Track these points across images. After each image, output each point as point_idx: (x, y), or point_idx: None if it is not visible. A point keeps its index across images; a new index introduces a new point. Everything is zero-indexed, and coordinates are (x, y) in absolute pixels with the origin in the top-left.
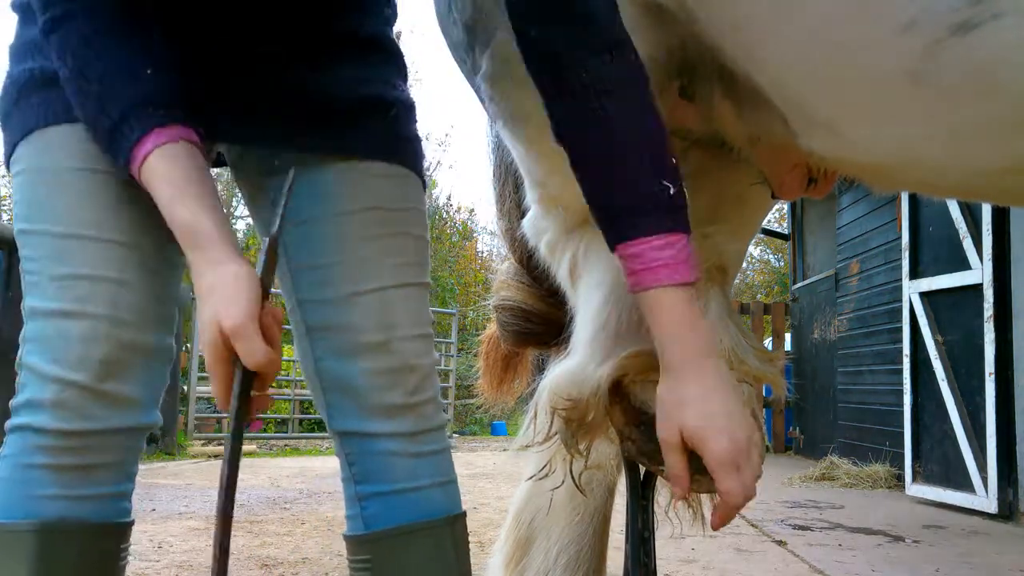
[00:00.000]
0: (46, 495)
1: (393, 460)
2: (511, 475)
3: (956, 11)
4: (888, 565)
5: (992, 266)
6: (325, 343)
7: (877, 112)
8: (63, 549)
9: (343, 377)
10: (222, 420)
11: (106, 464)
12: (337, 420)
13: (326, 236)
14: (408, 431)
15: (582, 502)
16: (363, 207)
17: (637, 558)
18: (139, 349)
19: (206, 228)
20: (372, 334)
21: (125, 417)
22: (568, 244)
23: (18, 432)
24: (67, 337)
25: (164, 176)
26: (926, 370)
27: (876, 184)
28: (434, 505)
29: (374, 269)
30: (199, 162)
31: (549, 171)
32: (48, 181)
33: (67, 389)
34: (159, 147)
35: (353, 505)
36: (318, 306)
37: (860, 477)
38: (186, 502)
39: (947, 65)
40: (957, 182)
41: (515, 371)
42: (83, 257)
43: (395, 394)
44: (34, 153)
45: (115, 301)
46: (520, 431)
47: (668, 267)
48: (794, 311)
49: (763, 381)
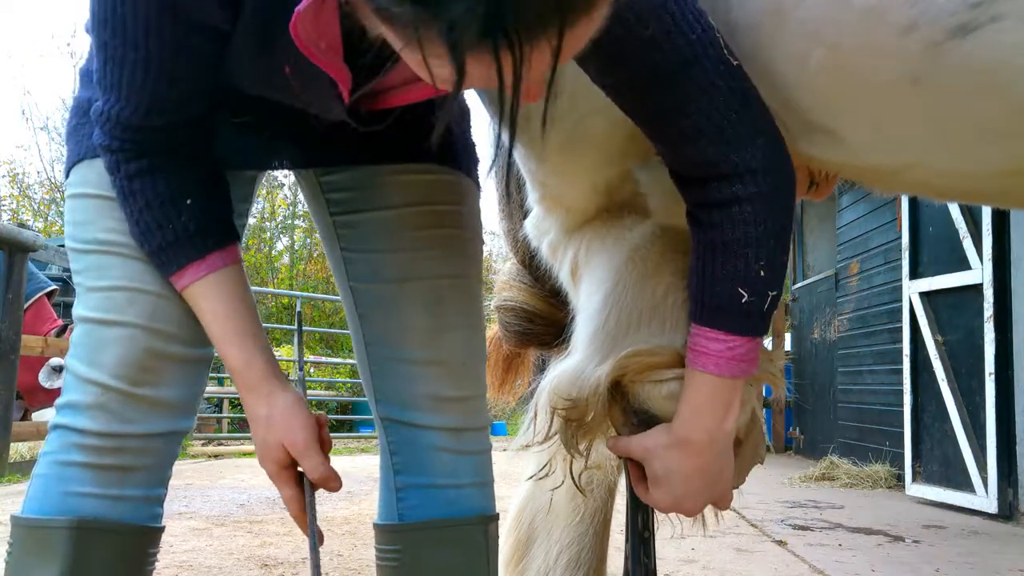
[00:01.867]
0: (82, 492)
1: (436, 455)
2: (511, 475)
3: (954, 14)
4: (888, 565)
5: (992, 266)
6: (376, 327)
7: (877, 116)
8: (96, 547)
9: (393, 362)
10: (222, 420)
11: (142, 467)
12: (383, 406)
13: (376, 227)
14: (453, 426)
15: (583, 502)
16: (412, 203)
17: (637, 558)
18: (176, 358)
19: (257, 367)
20: (422, 319)
21: (162, 422)
22: (570, 244)
23: (58, 431)
24: (105, 344)
25: (209, 310)
26: (926, 370)
27: (876, 187)
28: (471, 504)
29: (426, 260)
30: (240, 283)
31: (550, 172)
32: (93, 206)
33: (105, 393)
34: (199, 280)
35: (390, 495)
36: (370, 292)
37: (860, 477)
38: (186, 502)
39: (947, 67)
40: (958, 185)
41: (517, 371)
42: (123, 271)
43: (443, 385)
44: (83, 180)
45: (153, 312)
46: (520, 431)
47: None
48: (794, 311)
49: (762, 380)
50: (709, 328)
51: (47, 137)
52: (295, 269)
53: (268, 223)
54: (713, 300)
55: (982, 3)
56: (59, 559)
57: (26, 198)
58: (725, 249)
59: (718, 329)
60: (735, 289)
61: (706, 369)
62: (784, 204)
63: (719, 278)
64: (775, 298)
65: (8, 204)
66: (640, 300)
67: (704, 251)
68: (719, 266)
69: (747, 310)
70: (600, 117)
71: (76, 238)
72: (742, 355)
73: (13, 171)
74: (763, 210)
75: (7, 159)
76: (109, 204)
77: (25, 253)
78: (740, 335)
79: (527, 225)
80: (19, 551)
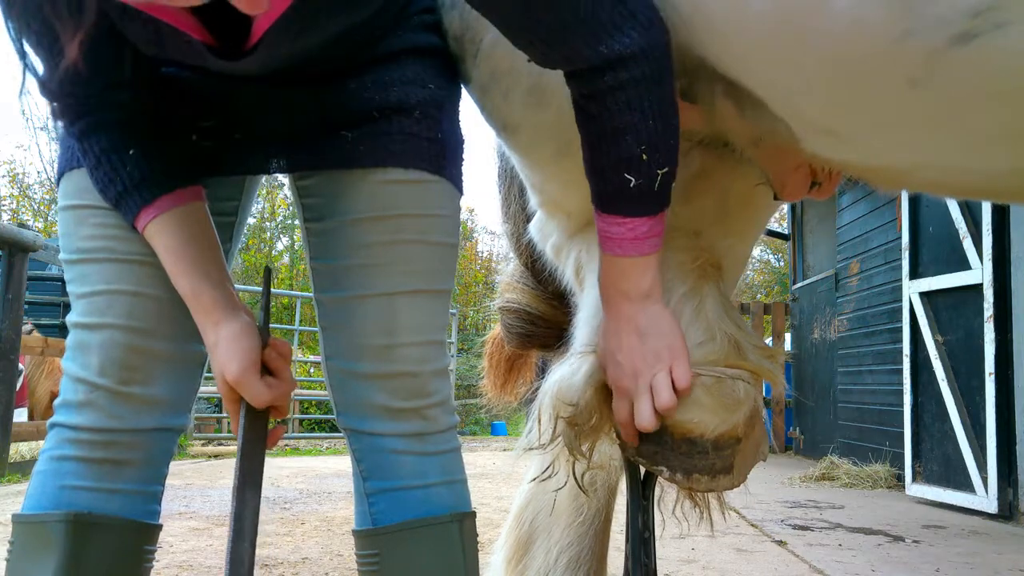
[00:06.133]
0: (77, 486)
1: (399, 458)
2: (511, 475)
3: (953, 23)
4: (888, 565)
5: (992, 266)
6: (333, 342)
7: (880, 118)
8: (92, 541)
9: (348, 377)
10: (222, 420)
11: (135, 461)
12: (344, 417)
13: (339, 240)
14: (414, 432)
15: (584, 502)
16: (376, 214)
17: (637, 558)
18: (158, 355)
19: (205, 296)
20: (374, 338)
21: (152, 418)
22: (573, 247)
23: (55, 429)
24: (91, 346)
25: (162, 246)
26: (926, 370)
27: (881, 185)
28: (441, 502)
29: (382, 274)
30: (196, 221)
31: (545, 178)
32: (72, 216)
33: (94, 391)
34: (151, 221)
35: (362, 501)
36: (329, 305)
37: (860, 477)
38: (186, 502)
39: (949, 73)
40: (963, 183)
41: (519, 372)
42: (101, 276)
43: (395, 398)
44: (64, 193)
45: (130, 311)
46: (523, 434)
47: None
48: (794, 311)
49: (762, 376)
50: (608, 214)
51: (47, 137)
52: (295, 269)
53: (268, 223)
54: (606, 187)
55: (983, 13)
56: (56, 553)
57: (26, 198)
58: (607, 138)
59: (615, 214)
60: (622, 176)
61: (614, 253)
62: (661, 85)
63: (606, 166)
64: (667, 174)
65: (8, 204)
66: None
67: (591, 141)
68: (604, 155)
69: (637, 194)
70: None
71: (64, 249)
72: (644, 234)
73: (13, 171)
74: (637, 95)
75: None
76: (84, 213)
77: (25, 253)
78: (637, 217)
79: (531, 228)
80: (18, 547)
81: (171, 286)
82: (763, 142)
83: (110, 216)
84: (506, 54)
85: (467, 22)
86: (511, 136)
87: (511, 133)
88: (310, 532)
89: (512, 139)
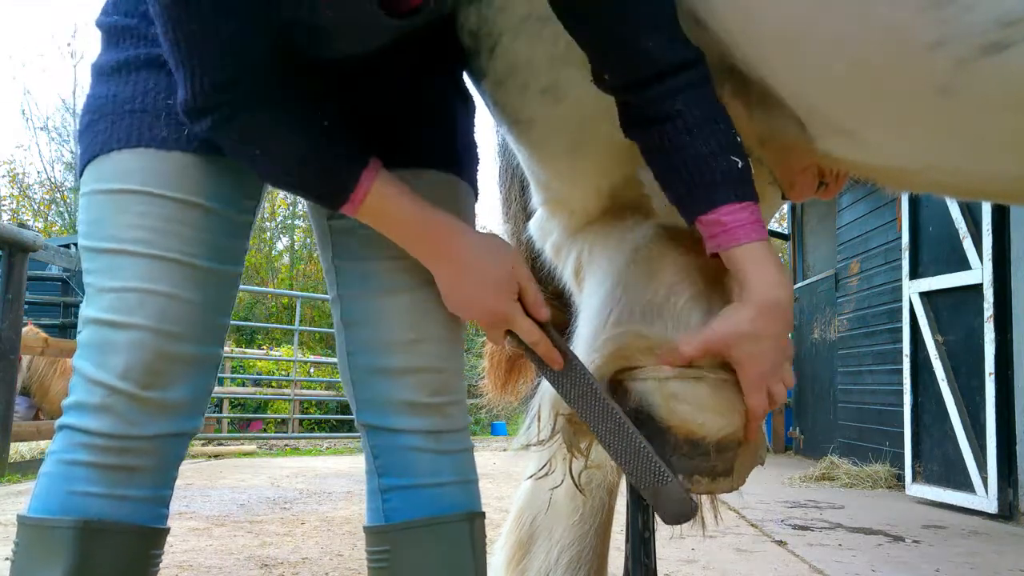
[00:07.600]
0: (87, 492)
1: (415, 455)
2: (511, 475)
3: (985, 33)
4: (888, 565)
5: (992, 266)
6: (358, 338)
7: (903, 122)
8: (101, 548)
9: (372, 372)
10: (222, 420)
11: (148, 467)
12: (364, 413)
13: (367, 236)
14: (432, 429)
15: (584, 502)
16: None
17: (637, 558)
18: (185, 359)
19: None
20: (402, 333)
21: (169, 424)
22: (573, 246)
23: (64, 431)
24: (114, 345)
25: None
26: (926, 370)
27: (889, 185)
28: (454, 501)
29: (409, 271)
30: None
31: (553, 175)
32: (107, 202)
33: (112, 395)
34: (374, 182)
35: (374, 497)
36: (354, 301)
37: (860, 477)
38: (186, 502)
39: (978, 81)
40: (974, 185)
41: (519, 372)
42: (135, 271)
43: (420, 393)
44: (97, 176)
45: (163, 313)
46: (521, 431)
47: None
48: (794, 311)
49: None
50: (722, 205)
51: (47, 137)
52: (295, 269)
53: (268, 223)
54: (713, 176)
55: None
56: (64, 559)
57: (26, 198)
58: (697, 131)
59: (730, 203)
60: (728, 158)
61: (749, 239)
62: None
63: (706, 156)
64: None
65: (8, 204)
66: (641, 299)
67: (674, 147)
68: (700, 147)
69: (743, 176)
70: (605, 121)
71: (91, 236)
72: (760, 216)
73: (13, 171)
74: (711, 91)
75: (7, 159)
76: (126, 199)
77: (25, 253)
78: (751, 200)
79: (531, 227)
80: (24, 550)
81: (207, 290)
82: (771, 142)
83: (155, 204)
84: (524, 48)
85: (484, 16)
86: (524, 130)
87: (525, 127)
88: (310, 532)
89: (525, 134)
